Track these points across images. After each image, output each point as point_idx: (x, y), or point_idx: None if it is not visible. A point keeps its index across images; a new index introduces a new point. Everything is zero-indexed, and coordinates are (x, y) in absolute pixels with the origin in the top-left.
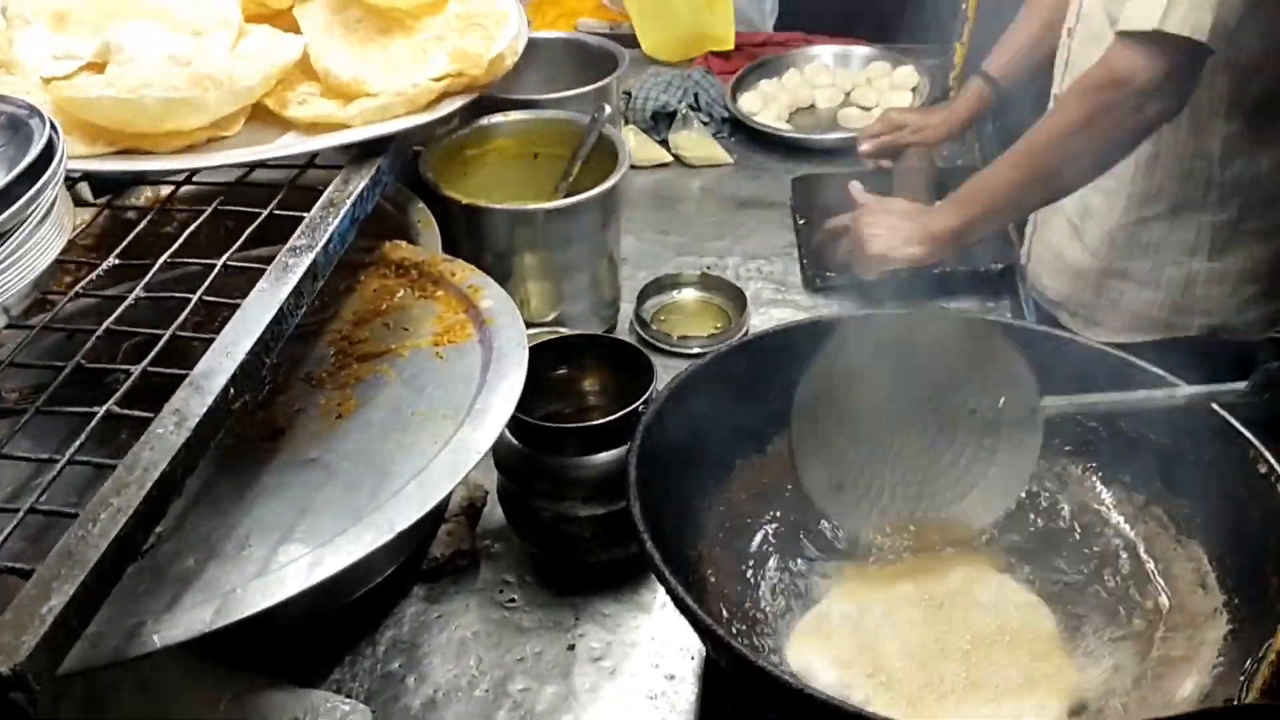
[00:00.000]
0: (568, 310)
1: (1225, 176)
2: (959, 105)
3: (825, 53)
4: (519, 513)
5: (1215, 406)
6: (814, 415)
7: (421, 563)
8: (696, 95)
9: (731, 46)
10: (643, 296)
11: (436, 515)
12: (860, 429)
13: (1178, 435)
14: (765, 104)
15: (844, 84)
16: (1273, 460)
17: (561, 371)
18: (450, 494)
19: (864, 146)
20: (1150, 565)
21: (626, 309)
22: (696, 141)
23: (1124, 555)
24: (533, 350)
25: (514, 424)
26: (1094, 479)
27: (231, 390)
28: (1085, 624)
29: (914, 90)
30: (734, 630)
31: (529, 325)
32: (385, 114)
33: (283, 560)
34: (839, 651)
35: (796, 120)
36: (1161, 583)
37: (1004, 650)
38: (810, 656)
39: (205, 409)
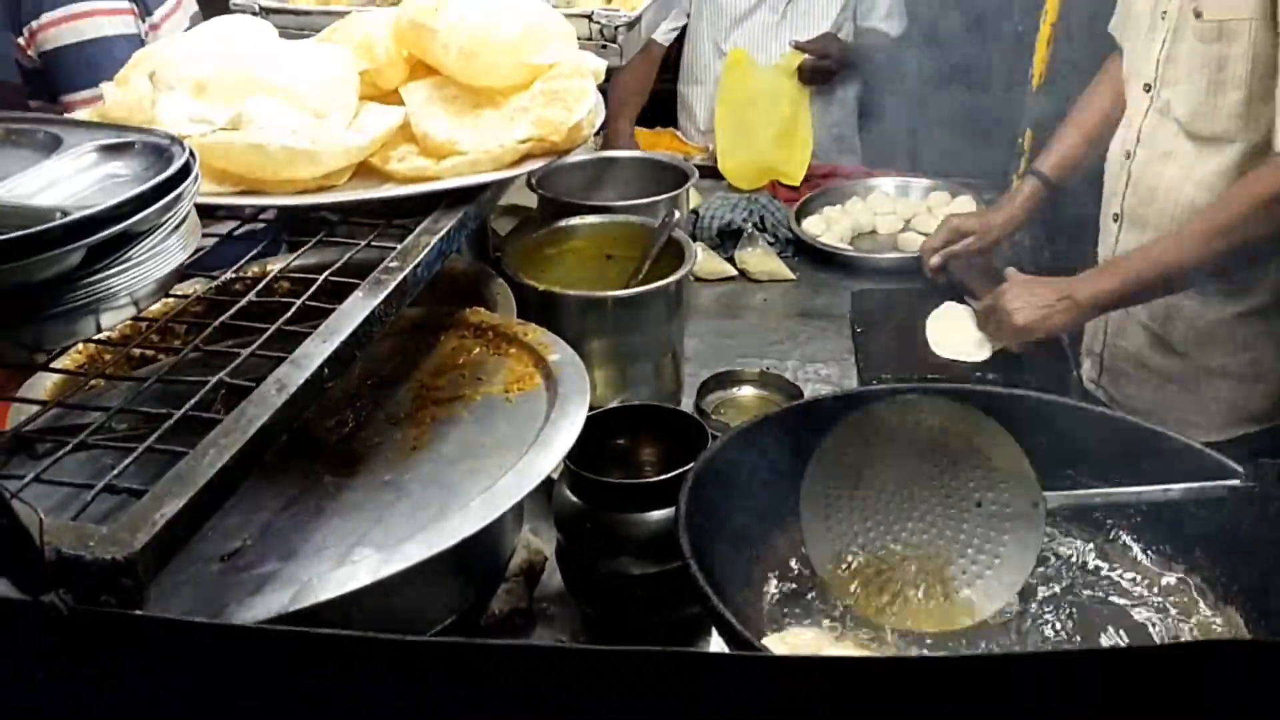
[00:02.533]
0: (631, 398)
1: None
2: (1018, 204)
3: (887, 183)
4: (575, 571)
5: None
6: (824, 490)
7: (479, 618)
8: (762, 217)
9: (799, 183)
10: (703, 390)
11: (497, 571)
12: (869, 508)
13: (1216, 508)
14: (828, 227)
15: (905, 211)
16: None
17: (623, 441)
18: (512, 550)
19: (933, 260)
20: (1186, 630)
21: (687, 402)
22: (761, 258)
23: (1160, 620)
24: (597, 417)
25: (574, 480)
26: (1136, 549)
27: (325, 370)
28: None
29: None
30: None
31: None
32: (474, 169)
33: (356, 559)
34: None
35: (858, 243)
36: None
37: None
38: None
39: (303, 380)
